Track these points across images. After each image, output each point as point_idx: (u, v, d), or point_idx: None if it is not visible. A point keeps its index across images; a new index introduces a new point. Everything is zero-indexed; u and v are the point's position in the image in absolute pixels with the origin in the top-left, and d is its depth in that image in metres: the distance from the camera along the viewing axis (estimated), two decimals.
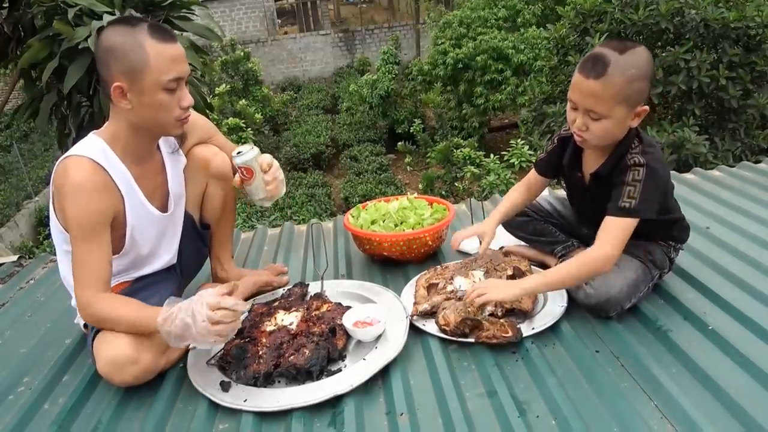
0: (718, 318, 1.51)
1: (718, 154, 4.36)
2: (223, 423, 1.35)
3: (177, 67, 1.42)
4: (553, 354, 1.45)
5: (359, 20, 21.62)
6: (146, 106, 1.43)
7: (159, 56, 1.39)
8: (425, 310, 1.61)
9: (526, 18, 11.24)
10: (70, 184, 1.41)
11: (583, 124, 1.48)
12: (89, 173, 1.42)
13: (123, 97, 1.41)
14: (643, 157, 1.47)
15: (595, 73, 1.40)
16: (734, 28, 4.29)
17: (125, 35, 1.39)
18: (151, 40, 1.39)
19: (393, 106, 13.04)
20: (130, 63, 1.38)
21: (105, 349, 1.40)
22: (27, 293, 2.18)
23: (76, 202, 1.40)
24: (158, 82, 1.40)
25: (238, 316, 1.37)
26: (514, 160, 6.83)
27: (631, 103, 1.44)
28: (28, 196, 10.94)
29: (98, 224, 1.43)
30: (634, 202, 1.44)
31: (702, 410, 1.20)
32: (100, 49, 1.42)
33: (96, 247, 1.43)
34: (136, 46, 1.38)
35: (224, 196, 1.83)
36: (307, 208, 9.57)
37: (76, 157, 1.44)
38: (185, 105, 1.47)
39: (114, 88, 1.40)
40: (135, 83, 1.40)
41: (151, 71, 1.39)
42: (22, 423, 1.41)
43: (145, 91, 1.40)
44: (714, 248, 1.87)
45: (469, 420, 1.25)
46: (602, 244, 1.44)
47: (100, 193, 1.43)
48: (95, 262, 1.42)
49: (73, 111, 3.43)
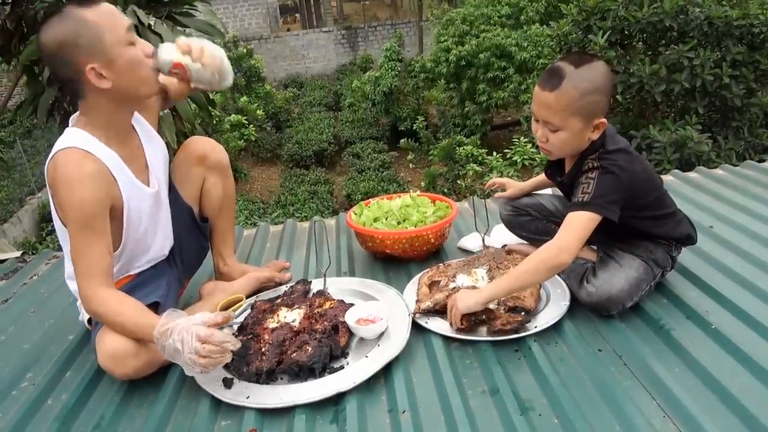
0: (721, 317, 1.50)
1: (722, 152, 4.35)
2: (225, 420, 1.35)
3: (120, 20, 1.42)
4: (555, 352, 1.45)
5: (362, 17, 21.60)
6: (124, 70, 1.41)
7: (102, 18, 1.38)
8: (428, 307, 1.61)
9: (529, 15, 11.20)
10: (61, 177, 1.39)
11: (543, 135, 1.54)
12: (79, 162, 1.40)
13: (100, 77, 1.39)
14: (598, 162, 1.50)
15: (550, 86, 1.45)
16: (738, 26, 4.27)
17: (64, 22, 1.37)
18: (85, 10, 1.37)
19: (396, 104, 13.03)
20: (87, 40, 1.36)
21: (106, 342, 1.41)
22: (30, 289, 2.19)
23: (70, 194, 1.39)
24: (119, 39, 1.39)
25: (226, 353, 1.32)
26: (516, 158, 6.83)
27: (585, 116, 1.47)
28: (31, 192, 10.96)
29: (95, 214, 1.41)
30: (588, 196, 1.46)
31: (705, 409, 1.20)
32: (50, 50, 1.39)
33: (95, 238, 1.41)
34: (79, 24, 1.36)
35: (222, 190, 1.84)
36: (309, 206, 9.58)
37: (62, 151, 1.42)
38: (147, 51, 1.46)
39: (88, 72, 1.37)
40: (103, 55, 1.38)
41: (107, 34, 1.38)
42: (25, 419, 1.41)
43: (115, 55, 1.39)
44: (717, 247, 1.86)
45: (471, 418, 1.25)
46: (557, 237, 1.46)
47: (93, 180, 1.41)
48: (95, 253, 1.41)
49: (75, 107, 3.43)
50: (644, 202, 1.56)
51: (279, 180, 11.90)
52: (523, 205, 1.89)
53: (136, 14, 3.06)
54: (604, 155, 1.51)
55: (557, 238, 1.45)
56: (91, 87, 1.41)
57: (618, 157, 1.50)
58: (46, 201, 10.68)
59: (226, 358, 1.33)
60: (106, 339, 1.41)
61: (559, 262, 1.44)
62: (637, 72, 4.40)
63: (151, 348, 1.42)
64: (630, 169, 1.50)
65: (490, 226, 2.14)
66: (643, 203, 1.55)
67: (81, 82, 1.41)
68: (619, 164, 1.49)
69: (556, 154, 1.60)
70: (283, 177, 11.79)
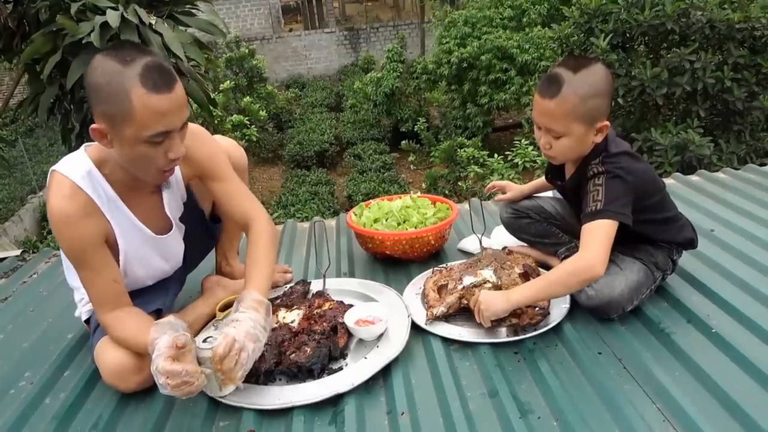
0: (721, 321, 1.50)
1: (723, 156, 4.34)
2: (223, 420, 1.35)
3: (165, 120, 1.26)
4: (555, 355, 1.45)
5: (364, 18, 21.60)
6: (126, 154, 1.31)
7: (146, 109, 1.23)
8: (441, 312, 1.60)
9: (531, 18, 11.19)
10: (52, 212, 1.34)
11: (546, 142, 1.54)
12: (69, 198, 1.33)
13: (103, 138, 1.30)
14: (602, 167, 1.49)
15: (550, 94, 1.45)
16: (739, 29, 4.26)
17: (113, 76, 1.23)
18: (140, 89, 1.22)
19: (397, 105, 13.01)
20: (112, 109, 1.23)
21: (108, 359, 1.41)
22: (30, 288, 2.18)
23: (60, 231, 1.35)
24: (140, 136, 1.25)
25: (196, 380, 1.23)
26: (517, 160, 6.82)
27: (588, 120, 1.46)
28: (32, 190, 10.95)
29: (87, 249, 1.37)
30: (600, 203, 1.45)
31: (705, 414, 1.19)
32: (87, 81, 1.27)
33: (91, 272, 1.39)
34: (122, 92, 1.22)
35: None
36: (310, 206, 9.56)
37: (60, 175, 1.36)
38: (173, 157, 1.32)
39: (92, 129, 1.27)
40: (115, 131, 1.26)
41: (133, 124, 1.24)
42: (23, 417, 1.41)
43: (125, 141, 1.27)
44: (718, 251, 1.86)
45: (470, 420, 1.25)
46: (584, 250, 1.43)
47: (81, 219, 1.34)
48: (97, 285, 1.40)
49: (76, 106, 3.43)
50: (648, 203, 1.55)
51: (280, 180, 11.89)
52: (524, 207, 1.89)
53: (138, 13, 3.06)
54: (607, 159, 1.50)
55: (586, 252, 1.42)
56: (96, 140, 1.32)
57: (622, 160, 1.50)
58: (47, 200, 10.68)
59: (201, 382, 1.25)
60: (108, 356, 1.41)
61: (592, 275, 1.41)
62: (639, 75, 4.40)
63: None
64: (635, 169, 1.50)
65: (490, 227, 2.13)
66: (647, 205, 1.55)
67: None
68: (624, 166, 1.48)
69: (561, 160, 1.60)
70: (285, 177, 11.78)
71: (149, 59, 1.25)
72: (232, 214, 1.60)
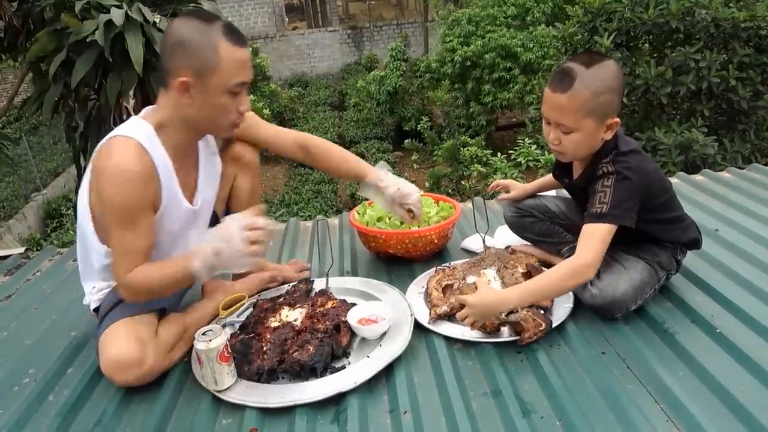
0: (726, 321, 1.49)
1: (727, 155, 4.32)
2: (226, 418, 1.35)
3: (245, 72, 1.43)
4: (558, 355, 1.44)
5: (367, 17, 21.60)
6: (207, 105, 1.42)
7: (231, 59, 1.38)
8: (444, 311, 1.60)
9: (535, 16, 11.17)
10: (113, 167, 1.37)
11: (555, 138, 1.52)
12: (134, 158, 1.39)
13: (185, 92, 1.40)
14: (613, 166, 1.48)
15: (562, 88, 1.44)
16: (745, 28, 4.24)
17: (199, 32, 1.37)
18: (225, 42, 1.38)
19: (400, 103, 13.00)
20: (200, 61, 1.37)
21: (110, 349, 1.41)
22: (33, 285, 2.19)
23: (116, 188, 1.37)
24: (225, 84, 1.40)
25: (270, 235, 1.42)
26: (521, 159, 6.80)
27: (599, 116, 1.45)
28: (36, 188, 10.99)
29: (138, 211, 1.41)
30: (606, 206, 1.45)
31: (709, 414, 1.19)
32: (170, 39, 1.39)
33: (133, 234, 1.41)
34: (209, 45, 1.36)
35: (252, 188, 1.85)
36: (313, 205, 9.57)
37: (122, 138, 1.41)
38: (243, 109, 1.47)
39: (180, 82, 1.38)
40: (201, 81, 1.38)
41: (220, 73, 1.38)
42: (27, 414, 1.42)
43: (210, 91, 1.40)
44: (723, 251, 1.85)
45: (473, 419, 1.25)
46: (581, 251, 1.44)
47: (143, 179, 1.40)
48: (134, 248, 1.42)
49: (80, 104, 3.44)
50: (655, 204, 1.55)
51: (283, 179, 11.90)
52: (527, 206, 1.89)
53: (142, 12, 3.06)
54: (618, 158, 1.49)
55: (580, 254, 1.43)
56: (178, 94, 1.41)
57: (632, 159, 1.49)
58: (51, 198, 10.71)
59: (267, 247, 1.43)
60: (110, 345, 1.42)
61: (584, 278, 1.44)
62: (643, 74, 4.38)
63: (156, 354, 1.45)
64: (644, 169, 1.49)
65: (494, 227, 2.13)
66: (654, 205, 1.54)
67: (171, 81, 1.41)
68: (634, 166, 1.48)
69: (570, 156, 1.58)
70: (288, 176, 11.79)
71: (224, 20, 1.44)
72: (286, 141, 1.81)
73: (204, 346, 1.35)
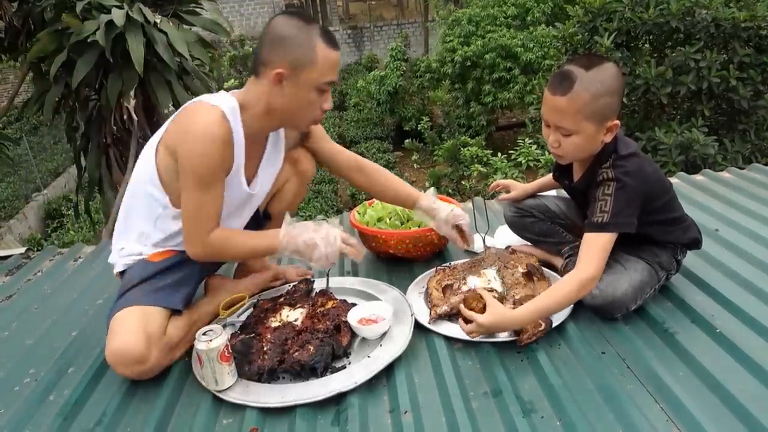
0: (726, 321, 1.49)
1: (728, 155, 4.31)
2: (227, 418, 1.35)
3: (334, 72, 1.53)
4: (558, 355, 1.44)
5: (368, 17, 21.58)
6: (296, 97, 1.51)
7: (325, 59, 1.49)
8: (444, 311, 1.60)
9: (535, 16, 11.17)
10: (198, 130, 1.44)
11: (555, 140, 1.52)
12: (219, 124, 1.45)
13: (278, 83, 1.49)
14: (613, 171, 1.48)
15: (561, 90, 1.44)
16: (745, 28, 4.24)
17: (300, 30, 1.47)
18: (322, 43, 1.48)
19: (401, 103, 13.00)
20: (298, 57, 1.47)
21: (118, 338, 1.42)
22: (34, 285, 2.19)
23: (199, 149, 1.44)
24: (316, 81, 1.50)
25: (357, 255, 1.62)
26: (521, 159, 6.80)
27: (598, 119, 1.45)
28: (36, 188, 10.99)
29: (216, 175, 1.48)
30: (607, 215, 1.45)
31: (709, 414, 1.19)
32: (272, 33, 1.49)
33: (212, 197, 1.49)
34: (308, 44, 1.47)
35: (296, 195, 1.89)
36: (313, 204, 9.57)
37: (210, 105, 1.48)
38: (326, 107, 1.57)
39: (276, 73, 1.47)
40: (295, 75, 1.48)
41: (314, 70, 1.48)
42: (28, 414, 1.42)
43: (301, 85, 1.49)
44: (723, 251, 1.85)
45: (473, 419, 1.25)
46: (585, 264, 1.44)
47: (224, 143, 1.46)
48: (213, 210, 1.50)
49: (81, 104, 3.45)
50: (656, 205, 1.55)
51: None
52: (528, 206, 1.89)
53: (143, 12, 3.07)
54: (618, 162, 1.49)
55: (583, 268, 1.44)
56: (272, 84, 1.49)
57: (632, 162, 1.49)
58: (51, 198, 10.72)
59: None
60: (118, 337, 1.43)
61: (587, 291, 1.46)
62: (643, 74, 4.38)
63: (160, 351, 1.46)
64: (644, 173, 1.49)
65: (494, 226, 2.13)
66: (654, 207, 1.54)
67: (265, 71, 1.49)
68: (634, 171, 1.48)
69: (569, 158, 1.58)
70: None
71: (320, 23, 1.56)
72: (343, 160, 1.87)
73: (204, 346, 1.36)
